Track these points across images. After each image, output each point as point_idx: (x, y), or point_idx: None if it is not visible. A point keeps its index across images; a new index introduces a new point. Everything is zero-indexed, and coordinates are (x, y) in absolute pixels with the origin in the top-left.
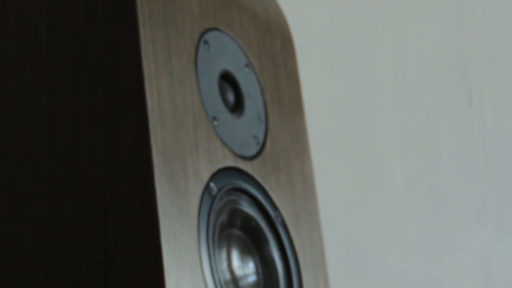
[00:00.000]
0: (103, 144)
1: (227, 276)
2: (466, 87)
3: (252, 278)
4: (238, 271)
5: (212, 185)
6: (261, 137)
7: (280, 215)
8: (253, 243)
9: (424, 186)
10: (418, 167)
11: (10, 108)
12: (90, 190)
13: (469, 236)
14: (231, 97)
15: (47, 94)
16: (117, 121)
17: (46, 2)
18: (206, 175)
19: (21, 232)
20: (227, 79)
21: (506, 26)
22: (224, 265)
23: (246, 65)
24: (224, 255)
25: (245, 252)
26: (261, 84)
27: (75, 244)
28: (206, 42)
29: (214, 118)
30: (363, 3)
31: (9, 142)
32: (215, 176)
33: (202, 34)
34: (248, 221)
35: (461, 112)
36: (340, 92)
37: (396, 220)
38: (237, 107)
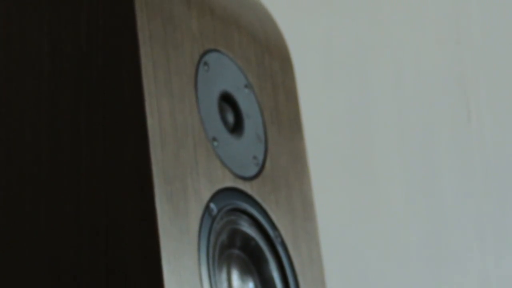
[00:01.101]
0: (104, 163)
1: None
2: (465, 103)
3: None
4: None
5: (212, 205)
6: (260, 158)
7: (279, 235)
8: (253, 263)
9: (423, 203)
10: (417, 183)
11: (12, 124)
12: (91, 209)
13: (468, 252)
14: (230, 117)
15: (48, 113)
16: (118, 141)
17: (48, 20)
18: (206, 195)
19: (22, 249)
20: (227, 100)
21: (503, 43)
22: (224, 285)
23: (246, 86)
24: (224, 275)
25: (245, 272)
26: (260, 105)
27: (76, 262)
28: (206, 63)
29: (214, 139)
30: (362, 21)
31: (11, 158)
32: (215, 196)
33: (202, 55)
34: (248, 241)
35: (460, 128)
36: (339, 110)
37: (396, 237)
38: (236, 127)
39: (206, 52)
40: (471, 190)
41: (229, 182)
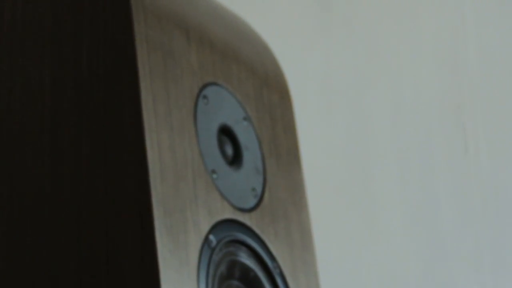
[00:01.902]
0: (105, 195)
1: None
2: (462, 134)
3: None
4: None
5: (211, 237)
6: (259, 189)
7: (278, 266)
8: None
9: (421, 233)
10: (415, 214)
11: (14, 157)
12: (91, 241)
13: (466, 282)
14: (229, 150)
15: (50, 146)
16: (119, 174)
17: (49, 54)
18: (205, 227)
19: (23, 281)
20: (226, 133)
21: (500, 74)
22: None
23: (244, 119)
24: None
25: None
26: (259, 137)
27: None
28: (205, 96)
29: (213, 171)
30: (359, 52)
31: (13, 192)
32: (214, 228)
33: (201, 89)
34: (247, 272)
35: (457, 159)
36: (337, 141)
37: (394, 266)
38: (235, 160)
39: (205, 86)
40: (469, 220)
41: (228, 214)
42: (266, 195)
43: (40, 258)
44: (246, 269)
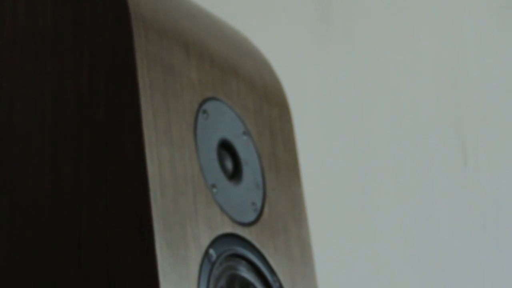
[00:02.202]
0: (105, 210)
1: None
2: (461, 148)
3: None
4: None
5: (211, 251)
6: (259, 204)
7: (278, 280)
8: None
9: (421, 247)
10: (415, 227)
11: (15, 173)
12: (92, 255)
13: None
14: (229, 164)
15: (51, 163)
16: (119, 188)
17: (50, 70)
18: (205, 241)
19: None
20: (226, 147)
21: (499, 88)
22: None
23: (244, 133)
24: None
25: None
26: (259, 151)
27: None
28: (205, 111)
29: (213, 186)
30: (359, 66)
31: (13, 206)
32: (214, 242)
33: (201, 104)
34: (247, 286)
35: (457, 174)
36: (337, 155)
37: (393, 280)
38: (235, 174)
39: (205, 101)
40: (468, 235)
41: (228, 228)
42: (266, 209)
43: (41, 272)
44: (246, 283)
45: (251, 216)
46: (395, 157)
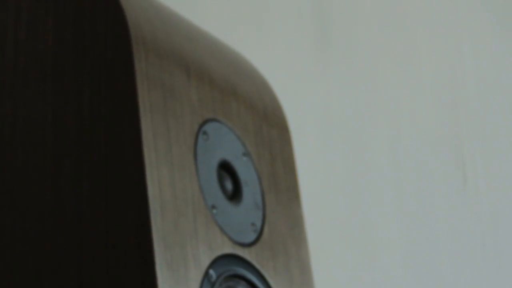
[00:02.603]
0: (106, 231)
1: None
2: (461, 167)
3: None
4: None
5: (211, 272)
6: (258, 224)
7: None
8: None
9: (421, 269)
10: (415, 248)
11: (16, 192)
12: (93, 277)
13: None
14: (229, 185)
15: (51, 184)
16: (120, 209)
17: (52, 91)
18: (205, 262)
19: None
20: (226, 168)
21: (499, 108)
22: None
23: (244, 154)
24: None
25: None
26: (258, 172)
27: None
28: (205, 132)
29: (213, 206)
30: (359, 86)
31: (15, 227)
32: (214, 263)
33: (201, 125)
34: None
35: (456, 191)
36: (337, 176)
37: None
38: (235, 195)
39: (205, 122)
40: (467, 254)
41: (228, 248)
42: (266, 230)
43: None
44: None
45: (251, 237)
46: (395, 177)
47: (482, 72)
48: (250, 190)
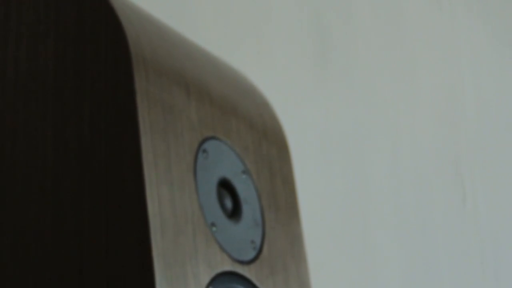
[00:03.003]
0: (106, 249)
1: None
2: (460, 185)
3: None
4: None
5: None
6: (258, 242)
7: None
8: None
9: (420, 286)
10: (414, 266)
11: (16, 214)
12: None
13: None
14: (229, 203)
15: (52, 202)
16: (120, 227)
17: (52, 111)
18: (205, 279)
19: None
20: (225, 186)
21: (497, 126)
22: None
23: (243, 172)
24: None
25: None
26: (258, 190)
27: None
28: (204, 150)
29: (213, 224)
30: (358, 105)
31: (16, 247)
32: (214, 280)
33: (201, 143)
34: None
35: (456, 210)
36: (336, 193)
37: None
38: (234, 213)
39: (205, 140)
40: (466, 272)
41: (228, 266)
42: (265, 247)
43: None
44: None
45: (250, 254)
46: (394, 194)
47: (481, 89)
48: (249, 208)
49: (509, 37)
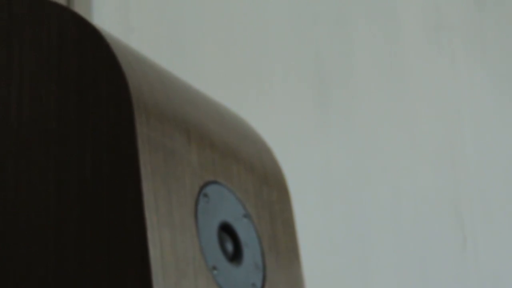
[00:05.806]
0: None
1: None
2: (460, 230)
3: None
4: None
5: None
6: (259, 285)
7: None
8: None
9: None
10: None
11: (19, 256)
12: None
13: None
14: (230, 246)
15: (54, 245)
16: (122, 271)
17: (54, 156)
18: None
19: None
20: (226, 230)
21: (498, 169)
22: None
23: (244, 216)
24: None
25: None
26: (259, 233)
27: None
28: (205, 195)
29: (214, 268)
30: (358, 148)
31: (17, 285)
32: None
33: (202, 187)
34: None
35: (456, 255)
36: (337, 237)
37: None
38: (235, 256)
39: (206, 184)
40: None
41: None
42: None
43: None
44: None
45: None
46: (395, 238)
47: (481, 135)
48: (250, 251)
49: (509, 84)
